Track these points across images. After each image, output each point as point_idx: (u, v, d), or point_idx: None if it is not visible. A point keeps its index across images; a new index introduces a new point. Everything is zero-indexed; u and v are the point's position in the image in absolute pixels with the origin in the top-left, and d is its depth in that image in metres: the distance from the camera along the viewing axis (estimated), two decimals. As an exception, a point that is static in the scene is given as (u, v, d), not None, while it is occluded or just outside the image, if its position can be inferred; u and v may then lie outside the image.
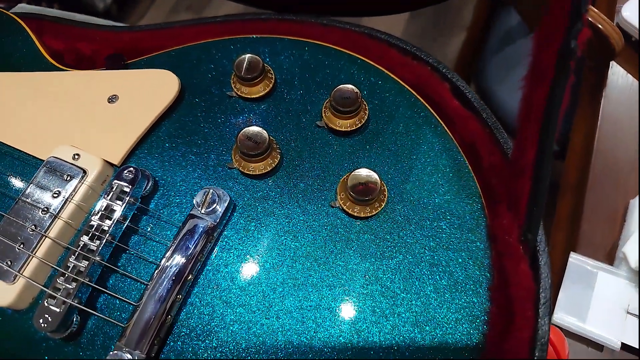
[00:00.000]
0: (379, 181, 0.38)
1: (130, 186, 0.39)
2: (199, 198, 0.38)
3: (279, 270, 0.38)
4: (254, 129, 0.40)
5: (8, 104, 0.45)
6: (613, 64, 0.68)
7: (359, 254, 0.38)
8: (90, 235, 0.37)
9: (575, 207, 0.60)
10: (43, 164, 0.41)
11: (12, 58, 0.50)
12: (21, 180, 0.43)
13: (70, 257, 0.37)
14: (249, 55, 0.43)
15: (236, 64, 0.43)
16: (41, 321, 0.35)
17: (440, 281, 0.37)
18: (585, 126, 0.65)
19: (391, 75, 0.44)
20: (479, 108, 0.41)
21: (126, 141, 0.42)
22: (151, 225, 0.40)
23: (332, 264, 0.38)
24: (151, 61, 0.48)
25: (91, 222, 0.38)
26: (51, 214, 0.39)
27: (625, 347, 0.51)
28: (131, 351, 0.34)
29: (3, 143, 0.44)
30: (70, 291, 0.36)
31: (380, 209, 0.39)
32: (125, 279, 0.38)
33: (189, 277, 0.37)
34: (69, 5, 0.71)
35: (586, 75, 0.67)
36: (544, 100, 0.31)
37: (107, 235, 0.37)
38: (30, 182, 0.40)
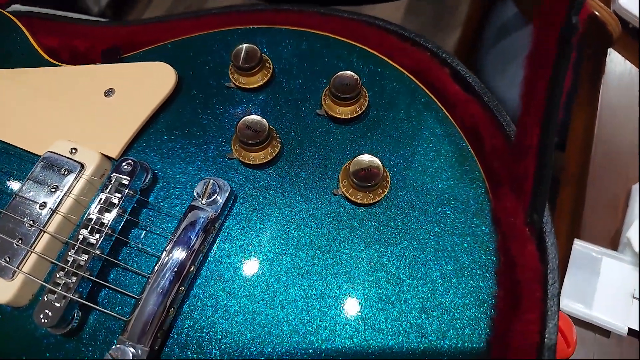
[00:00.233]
0: (381, 166, 0.37)
1: (129, 178, 0.38)
2: (199, 189, 0.38)
3: (283, 260, 0.37)
4: (254, 117, 0.39)
5: (3, 100, 0.45)
6: (611, 51, 0.68)
7: (363, 242, 0.37)
8: (89, 229, 0.37)
9: (577, 195, 0.60)
10: (40, 159, 0.40)
11: (8, 55, 0.49)
12: (18, 176, 0.42)
13: (70, 251, 0.36)
14: (246, 44, 0.43)
15: (234, 54, 0.42)
16: (41, 316, 0.34)
17: (446, 266, 0.36)
18: (584, 114, 0.65)
19: (390, 62, 0.44)
20: (480, 91, 0.40)
21: (124, 134, 0.42)
22: (151, 217, 0.39)
23: (336, 252, 0.37)
24: (147, 54, 0.47)
25: (90, 216, 0.37)
26: (49, 208, 0.38)
27: (632, 332, 0.51)
28: (134, 345, 0.33)
29: (-1, 140, 0.43)
30: (71, 285, 0.35)
31: (383, 195, 0.38)
32: (126, 272, 0.38)
33: (191, 268, 0.36)
34: (63, 9, 0.70)
35: (584, 63, 0.67)
36: (547, 78, 0.31)
37: (107, 228, 0.37)
38: (27, 177, 0.39)
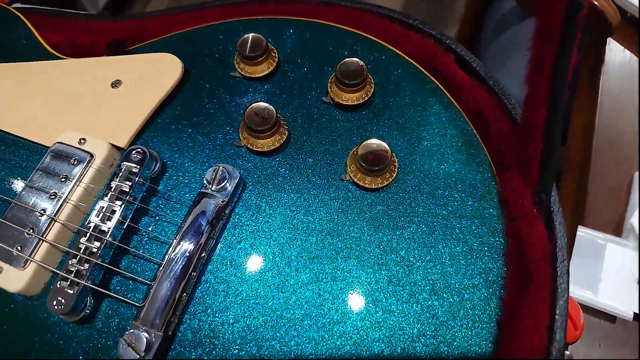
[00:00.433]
0: (389, 150, 0.37)
1: (139, 167, 0.38)
2: (209, 175, 0.38)
3: (293, 245, 0.37)
4: (261, 104, 0.40)
5: (12, 94, 0.45)
6: (610, 40, 0.68)
7: (372, 225, 0.38)
8: (100, 217, 0.37)
9: (580, 183, 0.60)
10: (49, 150, 0.40)
11: (14, 50, 0.49)
12: (27, 167, 0.42)
13: (82, 238, 0.36)
14: (252, 34, 0.43)
15: (240, 43, 0.43)
16: (54, 303, 0.34)
17: (455, 249, 0.37)
18: (585, 103, 0.65)
19: (395, 49, 0.44)
20: (484, 76, 0.41)
21: (132, 125, 0.42)
22: (161, 205, 0.40)
23: (345, 236, 0.37)
24: (152, 46, 0.48)
25: (101, 204, 0.37)
26: (60, 197, 0.38)
27: (637, 317, 0.51)
28: (148, 330, 0.34)
29: (8, 132, 0.44)
30: (83, 273, 0.35)
31: (391, 180, 0.39)
32: (137, 259, 0.38)
33: (202, 254, 0.36)
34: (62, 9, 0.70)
35: (584, 54, 0.68)
36: (552, 57, 0.31)
37: (119, 215, 0.37)
38: (37, 168, 0.40)
